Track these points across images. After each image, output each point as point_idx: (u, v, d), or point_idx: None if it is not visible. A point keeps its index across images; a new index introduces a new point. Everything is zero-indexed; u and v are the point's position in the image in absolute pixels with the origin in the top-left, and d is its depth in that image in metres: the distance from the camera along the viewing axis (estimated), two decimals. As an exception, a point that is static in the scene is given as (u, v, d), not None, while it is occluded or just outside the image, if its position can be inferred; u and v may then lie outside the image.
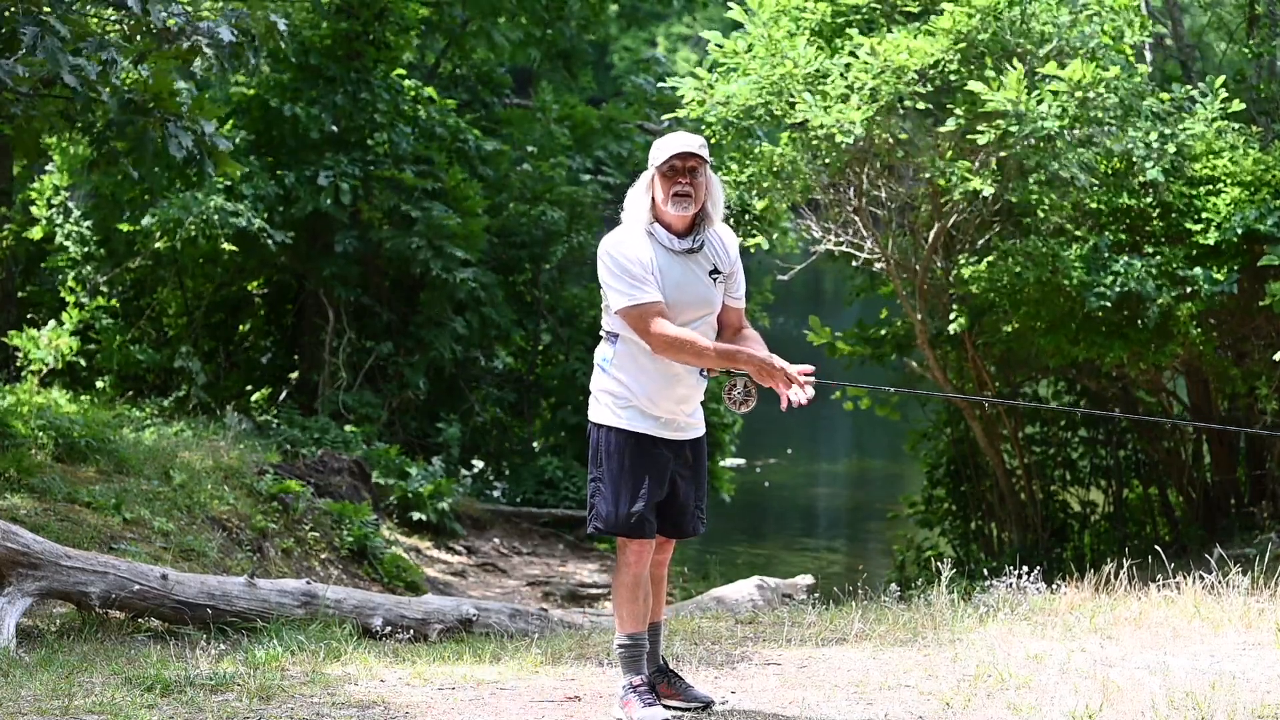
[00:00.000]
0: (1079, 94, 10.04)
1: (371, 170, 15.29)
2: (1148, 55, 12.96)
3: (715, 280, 5.48)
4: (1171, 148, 10.83)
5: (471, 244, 15.62)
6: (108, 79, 8.76)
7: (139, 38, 9.41)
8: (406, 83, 15.97)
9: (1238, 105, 11.11)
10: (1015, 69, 10.02)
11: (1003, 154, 10.45)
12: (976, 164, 10.54)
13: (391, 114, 15.62)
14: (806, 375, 5.37)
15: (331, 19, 15.62)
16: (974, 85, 10.14)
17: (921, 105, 10.46)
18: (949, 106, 10.53)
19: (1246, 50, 13.15)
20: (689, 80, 11.16)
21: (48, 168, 14.90)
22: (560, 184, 17.07)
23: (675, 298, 5.39)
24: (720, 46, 11.09)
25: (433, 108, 16.17)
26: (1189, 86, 11.29)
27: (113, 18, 9.21)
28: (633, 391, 5.43)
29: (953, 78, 10.46)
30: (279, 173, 15.05)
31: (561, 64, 20.98)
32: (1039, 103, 10.06)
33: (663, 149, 5.40)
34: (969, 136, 10.43)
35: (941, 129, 10.55)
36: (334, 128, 15.19)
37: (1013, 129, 10.11)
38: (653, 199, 5.42)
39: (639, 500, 5.40)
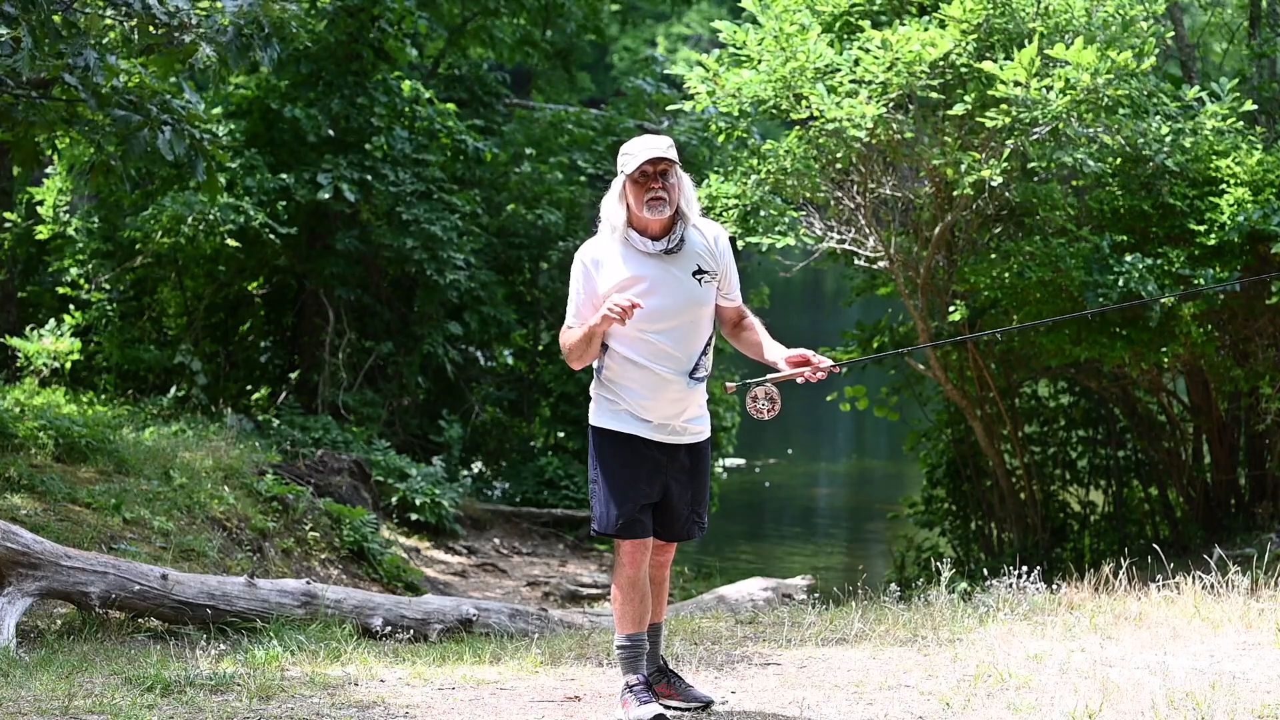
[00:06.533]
0: (1088, 78, 9.95)
1: (369, 179, 15.26)
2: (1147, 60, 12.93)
3: (701, 281, 5.47)
4: (1188, 141, 10.80)
5: (464, 245, 15.62)
6: (91, 80, 8.70)
7: (138, 36, 9.36)
8: (405, 84, 15.96)
9: (1250, 105, 11.10)
10: (1028, 47, 9.92)
11: (1010, 142, 10.39)
12: (984, 155, 10.50)
13: (389, 117, 15.60)
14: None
15: (331, 19, 15.59)
16: (986, 65, 10.07)
17: (935, 95, 10.41)
18: (959, 92, 10.48)
19: (1249, 50, 13.13)
20: (697, 70, 11.06)
21: (49, 170, 14.90)
22: (558, 186, 17.07)
23: (652, 302, 5.37)
24: (732, 36, 10.98)
25: (431, 109, 16.16)
26: (1197, 87, 11.27)
27: (114, 14, 9.17)
28: (623, 396, 5.44)
29: (963, 70, 10.41)
30: (280, 175, 15.04)
31: (560, 64, 20.98)
32: (1048, 90, 10.00)
33: (632, 155, 5.39)
34: (978, 119, 10.36)
35: (950, 112, 10.49)
36: (330, 132, 15.18)
37: (1022, 115, 10.05)
38: (627, 205, 5.43)
39: (628, 502, 5.41)
